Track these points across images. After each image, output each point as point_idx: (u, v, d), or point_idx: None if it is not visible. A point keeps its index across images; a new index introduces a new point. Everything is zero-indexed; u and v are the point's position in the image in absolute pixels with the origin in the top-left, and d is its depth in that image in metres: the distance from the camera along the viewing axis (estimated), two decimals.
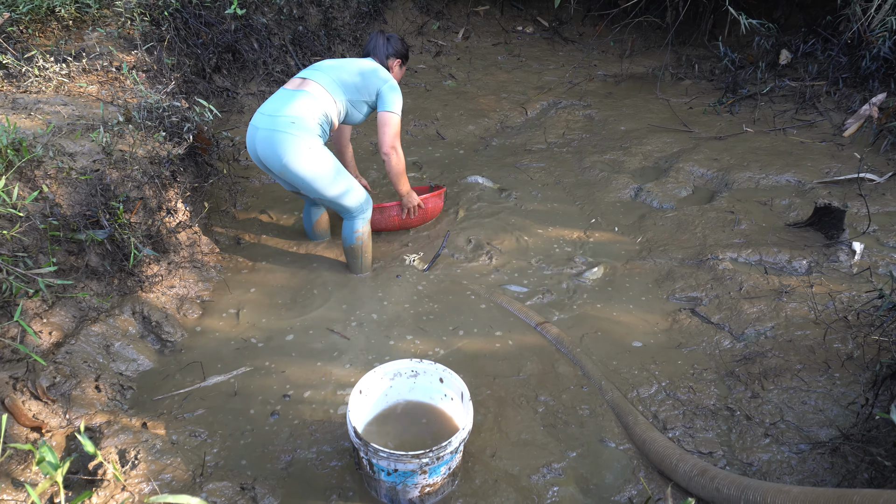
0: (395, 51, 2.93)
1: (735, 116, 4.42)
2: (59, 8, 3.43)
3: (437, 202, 3.30)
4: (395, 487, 1.77)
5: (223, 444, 2.05)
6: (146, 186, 2.59)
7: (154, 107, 2.86)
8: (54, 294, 2.23)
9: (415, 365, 1.98)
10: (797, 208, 3.22)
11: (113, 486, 1.71)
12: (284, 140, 2.51)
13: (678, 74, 5.24)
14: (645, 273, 2.90)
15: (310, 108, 2.58)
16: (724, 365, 2.33)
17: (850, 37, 4.36)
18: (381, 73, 2.79)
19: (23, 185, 2.20)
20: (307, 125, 2.55)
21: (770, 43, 4.87)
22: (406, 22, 5.76)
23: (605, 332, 2.54)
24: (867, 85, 4.17)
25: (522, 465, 1.98)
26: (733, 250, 2.90)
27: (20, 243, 2.07)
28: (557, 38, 6.03)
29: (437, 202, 3.29)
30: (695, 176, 3.72)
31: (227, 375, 2.34)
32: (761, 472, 1.92)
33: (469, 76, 5.40)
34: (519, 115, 4.84)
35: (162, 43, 3.64)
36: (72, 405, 2.03)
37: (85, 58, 3.16)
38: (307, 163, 2.56)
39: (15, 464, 1.73)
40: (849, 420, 2.00)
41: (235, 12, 3.99)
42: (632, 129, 4.40)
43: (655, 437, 1.99)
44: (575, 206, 3.53)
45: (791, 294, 2.56)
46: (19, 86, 2.87)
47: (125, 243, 2.44)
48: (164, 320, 2.52)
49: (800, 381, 2.16)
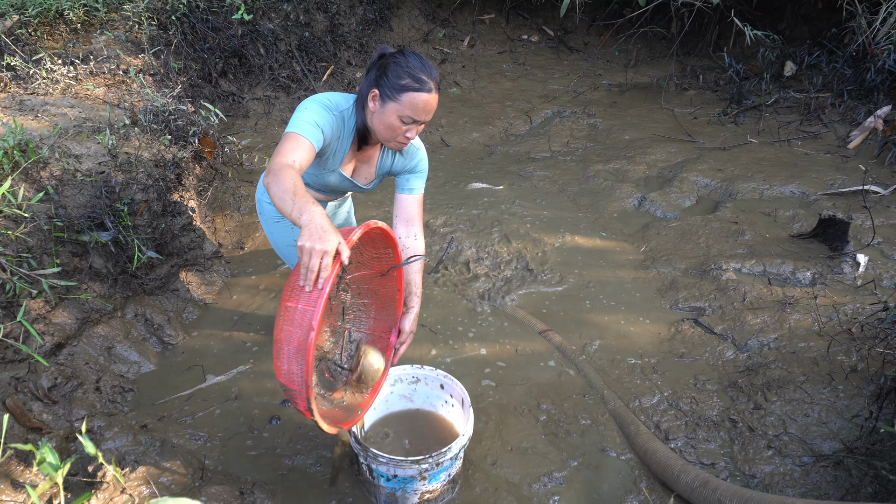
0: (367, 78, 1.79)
1: (739, 127, 4.42)
2: (67, 11, 3.46)
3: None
4: (394, 493, 1.76)
5: (223, 447, 2.04)
6: (151, 189, 2.60)
7: (160, 110, 2.88)
8: (57, 295, 2.23)
9: (416, 371, 1.98)
10: (801, 219, 3.21)
11: (112, 489, 1.71)
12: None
13: (683, 85, 5.25)
14: (648, 282, 2.90)
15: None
16: (726, 376, 2.31)
17: (856, 49, 4.37)
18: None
19: (28, 186, 2.20)
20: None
21: (775, 54, 4.88)
22: (412, 29, 5.79)
23: (608, 341, 2.53)
24: (872, 97, 4.17)
25: (523, 473, 1.97)
26: (737, 261, 2.89)
27: (25, 244, 2.07)
28: (562, 47, 6.05)
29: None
30: (699, 186, 3.72)
31: (227, 375, 2.34)
32: (764, 484, 1.90)
33: (474, 84, 5.42)
34: (523, 124, 4.85)
35: (169, 47, 3.66)
36: (73, 407, 2.03)
37: (92, 61, 3.18)
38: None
39: (15, 464, 1.72)
40: (853, 433, 1.99)
41: (242, 17, 4.02)
42: (636, 139, 4.41)
43: (657, 448, 1.97)
44: (579, 215, 3.53)
45: (795, 305, 2.55)
46: (27, 87, 2.89)
47: (129, 245, 2.44)
48: (165, 323, 2.52)
49: (803, 393, 2.14)
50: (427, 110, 1.72)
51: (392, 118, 1.72)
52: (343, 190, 2.06)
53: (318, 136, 1.69)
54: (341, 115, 1.78)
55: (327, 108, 1.74)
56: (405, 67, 1.68)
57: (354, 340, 1.86)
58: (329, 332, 1.84)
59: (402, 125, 1.73)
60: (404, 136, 1.77)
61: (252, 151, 3.73)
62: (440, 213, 3.39)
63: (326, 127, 1.72)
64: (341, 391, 1.77)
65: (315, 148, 1.68)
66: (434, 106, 1.74)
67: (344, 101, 1.81)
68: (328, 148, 1.82)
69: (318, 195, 2.09)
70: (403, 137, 1.77)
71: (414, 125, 1.74)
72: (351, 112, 1.81)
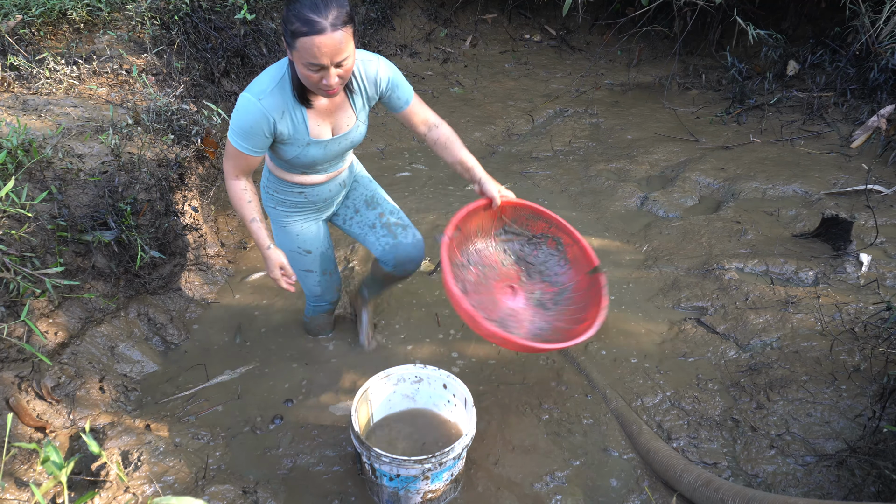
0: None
1: (742, 126, 4.41)
2: (70, 11, 3.46)
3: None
4: (397, 493, 1.77)
5: (226, 447, 2.05)
6: (154, 189, 2.61)
7: (163, 110, 2.88)
8: (61, 294, 2.24)
9: (418, 370, 1.98)
10: (804, 219, 3.21)
11: (116, 488, 1.71)
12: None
13: (685, 84, 5.24)
14: (650, 282, 2.89)
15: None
16: (729, 375, 2.31)
17: (859, 48, 4.36)
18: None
19: (32, 186, 2.21)
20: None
21: (778, 53, 4.86)
22: (414, 29, 5.79)
23: (610, 341, 2.53)
24: (875, 96, 4.16)
25: (525, 472, 1.97)
26: (739, 260, 2.89)
27: (28, 243, 2.08)
28: (565, 46, 6.04)
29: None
30: (701, 185, 3.71)
31: (230, 375, 2.35)
32: (766, 483, 1.90)
33: (476, 83, 5.41)
34: (525, 123, 4.85)
35: (172, 47, 3.66)
36: (76, 406, 2.04)
37: (95, 60, 3.18)
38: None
39: (19, 463, 1.73)
40: (855, 433, 1.99)
41: (245, 17, 4.02)
42: (638, 138, 4.40)
43: (660, 447, 1.97)
44: (581, 214, 3.53)
45: (797, 305, 2.54)
46: (30, 87, 2.89)
47: (132, 245, 2.45)
48: (168, 322, 2.53)
49: (806, 393, 2.14)
50: (327, 53, 1.51)
51: (301, 69, 1.56)
52: (336, 153, 1.90)
53: (256, 144, 1.72)
54: (272, 93, 1.66)
55: (249, 107, 1.66)
56: (293, 10, 1.50)
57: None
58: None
59: (313, 73, 1.55)
60: (324, 84, 1.58)
61: None
62: (441, 213, 3.39)
63: (261, 122, 1.67)
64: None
65: (255, 155, 1.76)
66: (336, 46, 1.51)
67: (272, 76, 1.68)
68: (282, 131, 1.73)
69: (316, 178, 1.95)
70: (324, 85, 1.58)
71: (324, 71, 1.55)
72: (286, 77, 1.67)
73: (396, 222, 2.13)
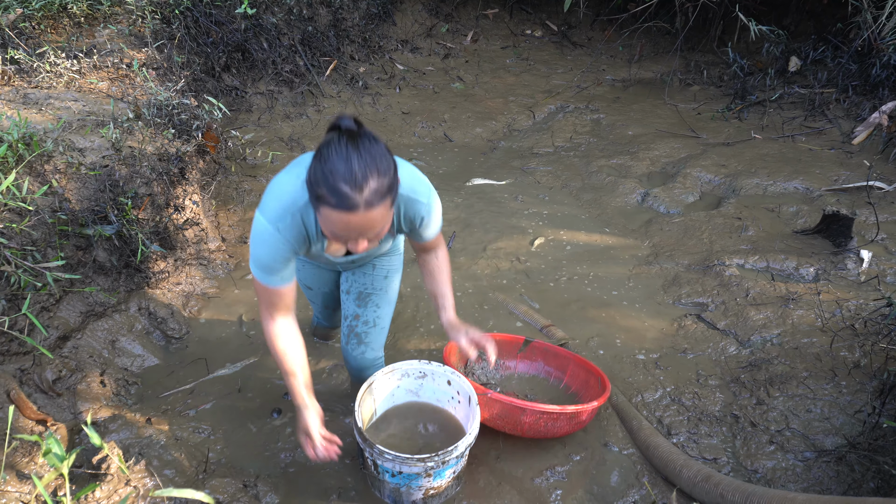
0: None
1: (743, 123, 4.41)
2: (71, 5, 3.45)
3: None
4: (398, 489, 1.77)
5: (226, 440, 2.05)
6: (155, 183, 2.60)
7: (164, 104, 2.88)
8: (62, 288, 2.24)
9: (423, 366, 1.97)
10: (805, 215, 3.20)
11: (117, 480, 1.71)
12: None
13: (687, 80, 5.23)
14: (651, 278, 2.89)
15: None
16: (729, 371, 2.31)
17: (861, 44, 4.35)
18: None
19: (33, 180, 2.21)
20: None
21: (779, 49, 4.85)
22: (415, 24, 5.77)
23: (610, 337, 2.53)
24: (877, 93, 4.15)
25: (526, 467, 1.97)
26: (740, 256, 2.89)
27: (29, 237, 2.08)
28: (566, 42, 6.03)
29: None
30: (702, 181, 3.71)
31: (230, 369, 2.35)
32: (766, 479, 1.91)
33: (477, 79, 5.40)
34: (526, 119, 4.84)
35: (172, 41, 3.66)
36: (77, 399, 2.04)
37: (96, 54, 3.18)
38: None
39: (20, 456, 1.73)
40: (855, 428, 1.99)
41: (246, 12, 4.01)
42: (639, 134, 4.40)
43: (660, 443, 1.98)
44: (581, 210, 3.53)
45: (798, 301, 2.55)
46: (31, 81, 2.89)
47: (133, 239, 2.45)
48: (169, 316, 2.53)
49: (806, 389, 2.14)
50: (356, 230, 1.25)
51: (324, 229, 1.30)
52: (349, 261, 1.73)
53: (283, 274, 1.47)
54: (293, 223, 1.40)
55: (267, 239, 1.40)
56: (325, 172, 1.20)
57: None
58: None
59: (336, 238, 1.30)
60: (350, 247, 1.34)
61: (255, 146, 3.73)
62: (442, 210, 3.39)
63: (283, 251, 1.42)
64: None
65: (288, 285, 1.50)
66: (369, 226, 1.24)
67: (293, 198, 1.38)
68: (301, 252, 1.51)
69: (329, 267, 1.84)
70: (350, 248, 1.34)
71: (351, 242, 1.30)
72: (309, 208, 1.39)
73: (359, 332, 1.92)
